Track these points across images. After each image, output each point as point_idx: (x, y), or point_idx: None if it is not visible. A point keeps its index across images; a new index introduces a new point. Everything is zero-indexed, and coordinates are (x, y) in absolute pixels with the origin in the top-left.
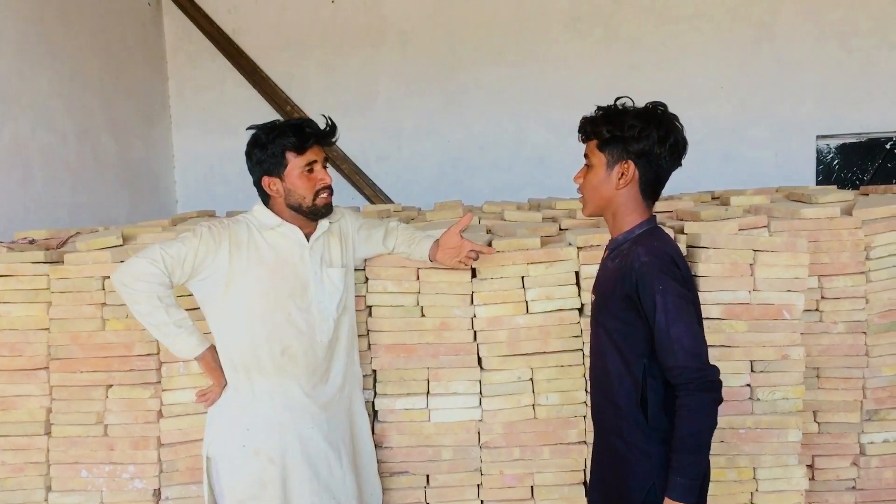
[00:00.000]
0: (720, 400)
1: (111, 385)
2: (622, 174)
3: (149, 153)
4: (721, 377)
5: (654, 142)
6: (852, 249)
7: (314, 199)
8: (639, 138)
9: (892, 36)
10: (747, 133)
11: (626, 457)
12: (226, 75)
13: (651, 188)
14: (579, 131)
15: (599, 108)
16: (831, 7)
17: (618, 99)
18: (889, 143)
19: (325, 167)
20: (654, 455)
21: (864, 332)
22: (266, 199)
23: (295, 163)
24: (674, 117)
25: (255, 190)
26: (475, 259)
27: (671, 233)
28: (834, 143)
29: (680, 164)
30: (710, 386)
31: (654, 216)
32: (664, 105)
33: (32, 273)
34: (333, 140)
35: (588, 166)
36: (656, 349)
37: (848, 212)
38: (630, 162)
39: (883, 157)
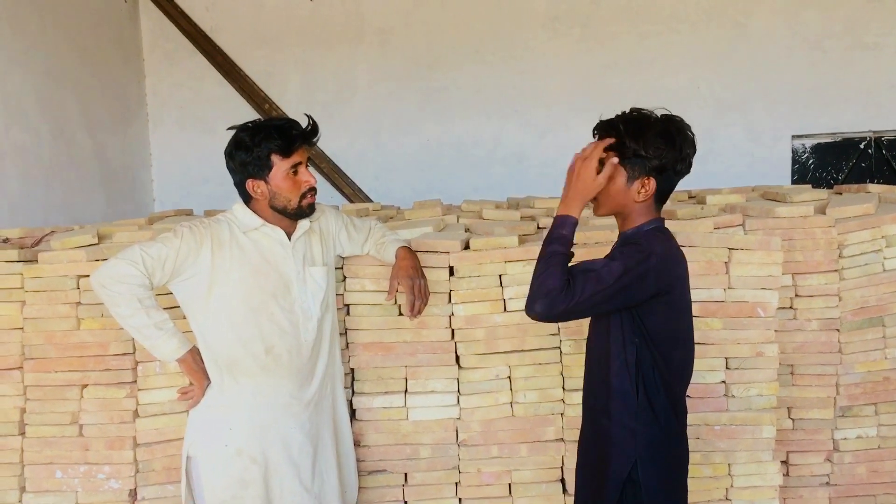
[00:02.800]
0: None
1: (86, 385)
2: (642, 187)
3: (125, 151)
4: (693, 377)
5: (676, 160)
6: (826, 248)
7: (300, 201)
8: (661, 157)
9: (866, 37)
10: (723, 132)
11: (611, 434)
12: (203, 73)
13: (663, 196)
14: (597, 130)
15: (619, 118)
16: (805, 9)
17: (633, 111)
18: (863, 143)
19: (307, 168)
20: (640, 434)
21: (838, 330)
22: (248, 200)
23: (280, 165)
24: (688, 128)
25: (233, 189)
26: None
27: None
28: (809, 142)
29: (689, 172)
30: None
31: (662, 217)
32: (681, 118)
33: (6, 272)
34: (316, 140)
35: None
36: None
37: (822, 210)
38: (651, 178)
39: (857, 156)
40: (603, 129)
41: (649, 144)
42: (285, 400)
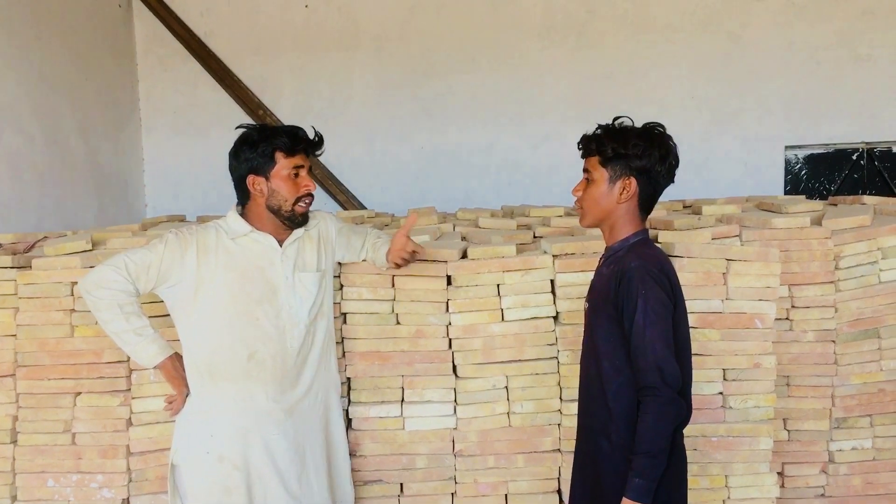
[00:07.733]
0: (682, 409)
1: (79, 393)
2: (623, 189)
3: (118, 156)
4: (692, 388)
5: (656, 161)
6: (822, 259)
7: (294, 205)
8: (641, 156)
9: (859, 49)
10: (717, 142)
11: (612, 457)
12: (197, 78)
13: (647, 202)
14: (580, 146)
15: (601, 126)
16: (799, 20)
17: (616, 119)
18: (856, 154)
19: (308, 176)
20: None
21: (834, 341)
22: (245, 200)
23: (284, 163)
24: (669, 137)
25: (226, 195)
26: (408, 261)
27: None
28: (802, 153)
29: (673, 181)
30: (670, 398)
31: (647, 228)
32: (663, 126)
33: None
34: (320, 152)
35: (588, 180)
36: (631, 349)
37: (818, 222)
38: (632, 178)
39: (849, 167)
40: (586, 140)
41: (629, 142)
42: (267, 406)
